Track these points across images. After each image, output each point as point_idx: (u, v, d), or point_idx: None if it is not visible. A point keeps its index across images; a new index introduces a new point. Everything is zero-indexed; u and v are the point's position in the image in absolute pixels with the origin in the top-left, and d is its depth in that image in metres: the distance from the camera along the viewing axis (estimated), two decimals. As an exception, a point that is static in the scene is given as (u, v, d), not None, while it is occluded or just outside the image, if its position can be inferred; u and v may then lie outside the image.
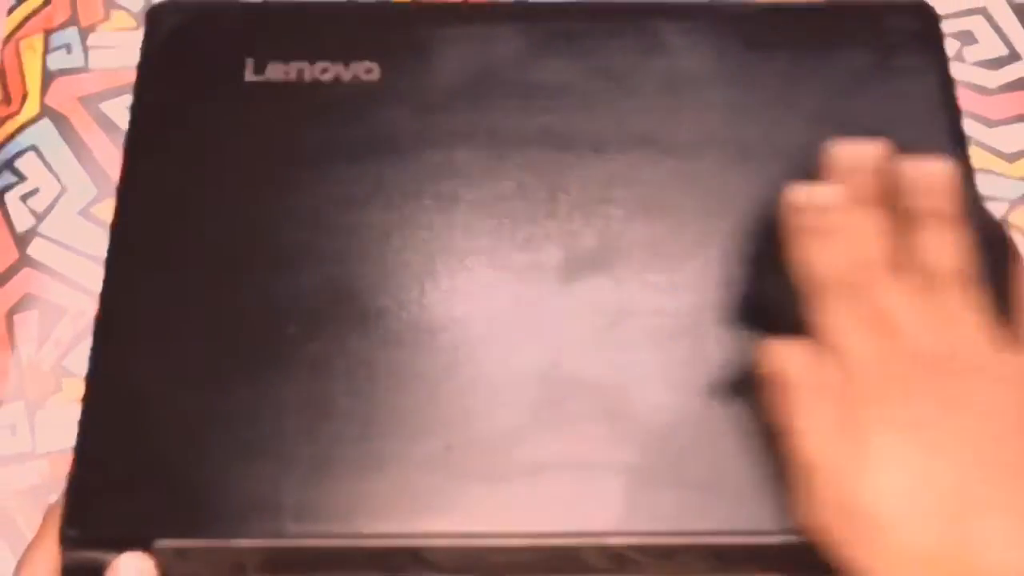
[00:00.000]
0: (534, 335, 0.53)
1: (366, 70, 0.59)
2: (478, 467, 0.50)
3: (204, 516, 0.49)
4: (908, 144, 0.56)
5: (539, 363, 0.52)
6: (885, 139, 0.54)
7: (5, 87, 0.64)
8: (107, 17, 0.67)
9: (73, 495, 0.49)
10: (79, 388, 0.55)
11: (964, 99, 0.59)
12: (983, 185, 0.57)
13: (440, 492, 0.49)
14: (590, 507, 0.49)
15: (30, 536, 0.53)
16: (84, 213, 0.60)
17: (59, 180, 0.61)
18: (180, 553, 0.49)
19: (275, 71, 0.59)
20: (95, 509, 0.49)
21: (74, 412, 0.54)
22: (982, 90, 0.63)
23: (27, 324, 0.57)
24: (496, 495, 0.49)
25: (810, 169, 0.54)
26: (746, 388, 0.51)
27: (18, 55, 0.65)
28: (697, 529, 0.49)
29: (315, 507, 0.49)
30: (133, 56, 0.61)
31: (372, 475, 0.50)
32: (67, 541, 0.49)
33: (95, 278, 0.58)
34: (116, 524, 0.49)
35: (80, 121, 0.63)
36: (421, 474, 0.50)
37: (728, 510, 0.49)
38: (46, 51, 0.65)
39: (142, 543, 0.49)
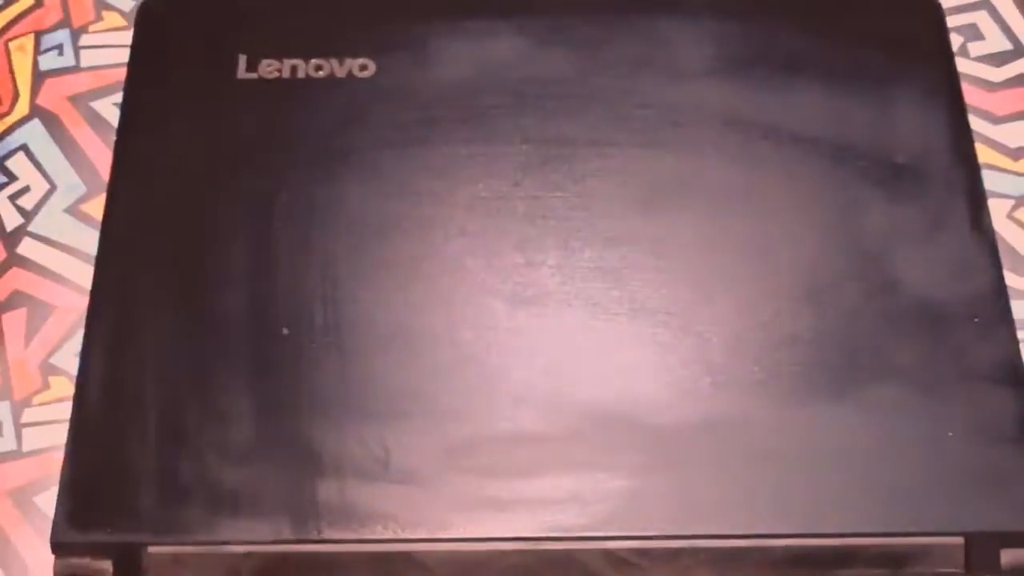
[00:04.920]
0: (532, 336, 0.52)
1: (361, 66, 0.59)
2: (476, 471, 0.49)
3: (198, 521, 0.49)
4: (912, 140, 0.56)
5: (537, 364, 0.51)
6: (889, 134, 0.55)
7: (-6, 88, 0.65)
8: (99, 18, 0.67)
9: (64, 501, 0.49)
10: (66, 386, 0.55)
11: (968, 94, 0.60)
12: (988, 181, 0.57)
13: (438, 496, 0.49)
14: (590, 510, 0.49)
15: (15, 538, 0.53)
16: (73, 211, 0.60)
17: (48, 178, 0.61)
18: (175, 559, 0.48)
19: (268, 68, 0.59)
20: (87, 516, 0.49)
21: (61, 411, 0.53)
22: (987, 85, 0.63)
23: (15, 322, 0.57)
24: (494, 499, 0.49)
25: (810, 165, 0.54)
26: (748, 389, 0.51)
27: (7, 56, 0.65)
28: (700, 532, 0.48)
29: (311, 512, 0.48)
30: (125, 55, 0.61)
31: (368, 480, 0.49)
32: (60, 548, 0.49)
33: (83, 275, 0.58)
34: (109, 531, 0.49)
35: (70, 119, 0.63)
36: (418, 478, 0.49)
37: (731, 513, 0.48)
38: (37, 52, 0.66)
39: (136, 549, 0.48)
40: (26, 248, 0.60)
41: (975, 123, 0.59)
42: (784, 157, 0.56)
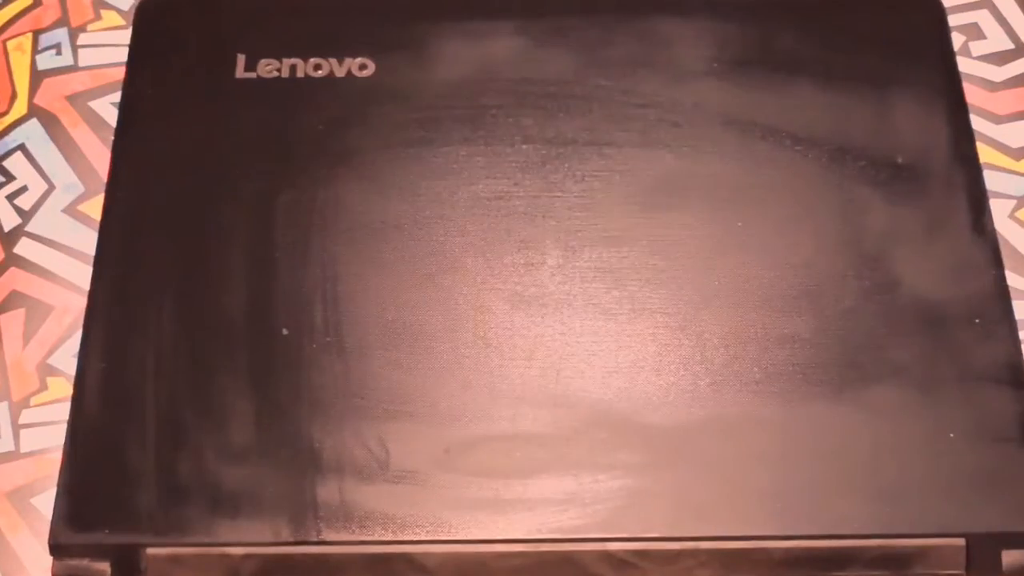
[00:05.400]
0: (531, 336, 0.52)
1: (360, 66, 0.59)
2: (476, 471, 0.49)
3: (197, 523, 0.48)
4: (913, 140, 0.56)
5: (537, 364, 0.51)
6: (890, 134, 0.55)
7: (-9, 88, 0.65)
8: (97, 17, 0.67)
9: (62, 503, 0.49)
10: (65, 387, 0.55)
11: (970, 94, 0.59)
12: (989, 181, 0.57)
13: (437, 497, 0.49)
14: (589, 511, 0.48)
15: (13, 540, 0.53)
16: (70, 211, 0.60)
17: (46, 178, 0.61)
18: (173, 560, 0.48)
19: (266, 67, 0.59)
20: (86, 517, 0.49)
21: (59, 412, 0.53)
22: (988, 84, 0.63)
23: (13, 323, 0.57)
24: (493, 499, 0.49)
25: (810, 165, 0.54)
26: (747, 389, 0.50)
27: (5, 55, 0.65)
28: (699, 533, 0.48)
29: (310, 513, 0.48)
30: (123, 54, 0.61)
31: (367, 480, 0.49)
32: (58, 550, 0.48)
33: (81, 275, 0.58)
34: (108, 532, 0.48)
35: (68, 119, 0.63)
36: (418, 479, 0.49)
37: (731, 514, 0.48)
38: (35, 51, 0.66)
39: (134, 550, 0.48)
40: (24, 248, 0.60)
41: (977, 123, 0.59)
42: (784, 157, 0.56)
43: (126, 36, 0.61)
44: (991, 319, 0.52)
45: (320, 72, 0.59)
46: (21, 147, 0.62)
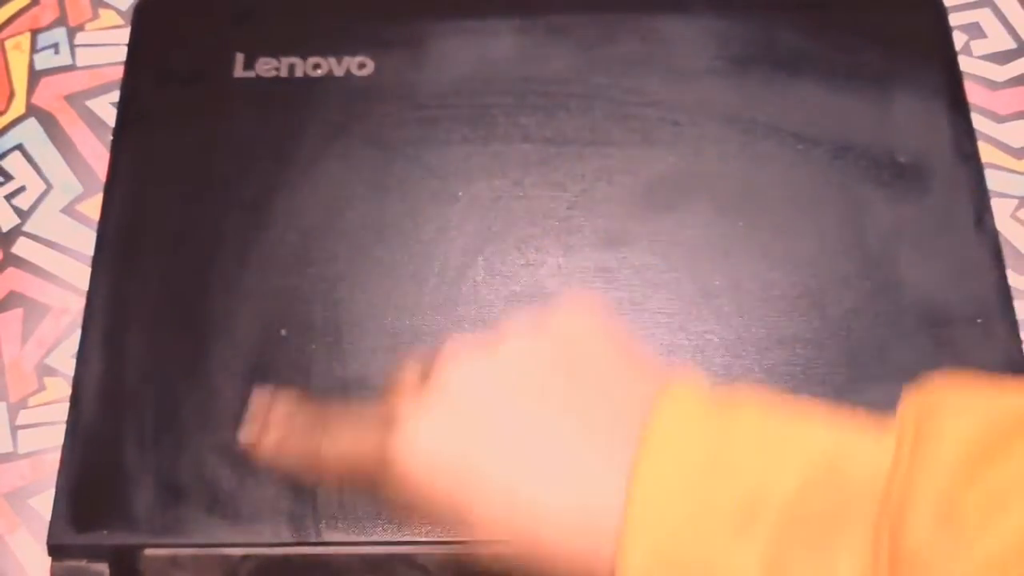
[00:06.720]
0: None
1: (359, 64, 0.59)
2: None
3: (196, 523, 0.48)
4: (915, 140, 0.56)
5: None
6: (892, 133, 0.55)
7: (-10, 87, 0.65)
8: (95, 16, 0.67)
9: (61, 504, 0.49)
10: (63, 388, 0.55)
11: (971, 93, 0.59)
12: (991, 181, 0.56)
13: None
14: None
15: (10, 540, 0.53)
16: (69, 211, 0.60)
17: (44, 178, 0.61)
18: (171, 561, 0.48)
19: (265, 66, 0.59)
20: (84, 518, 0.49)
21: (57, 412, 0.53)
22: (990, 84, 0.63)
23: (10, 323, 0.57)
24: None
25: (812, 165, 0.54)
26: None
27: (3, 54, 0.65)
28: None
29: (310, 514, 0.48)
30: (121, 54, 0.61)
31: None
32: (56, 551, 0.48)
33: (80, 275, 0.57)
34: (106, 533, 0.48)
35: (66, 119, 0.63)
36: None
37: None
38: (33, 51, 0.66)
39: (133, 551, 0.48)
40: (22, 248, 0.60)
41: (978, 122, 0.59)
42: (786, 156, 0.56)
43: (124, 35, 0.61)
44: (993, 319, 0.52)
45: (319, 71, 0.58)
46: (19, 147, 0.62)
